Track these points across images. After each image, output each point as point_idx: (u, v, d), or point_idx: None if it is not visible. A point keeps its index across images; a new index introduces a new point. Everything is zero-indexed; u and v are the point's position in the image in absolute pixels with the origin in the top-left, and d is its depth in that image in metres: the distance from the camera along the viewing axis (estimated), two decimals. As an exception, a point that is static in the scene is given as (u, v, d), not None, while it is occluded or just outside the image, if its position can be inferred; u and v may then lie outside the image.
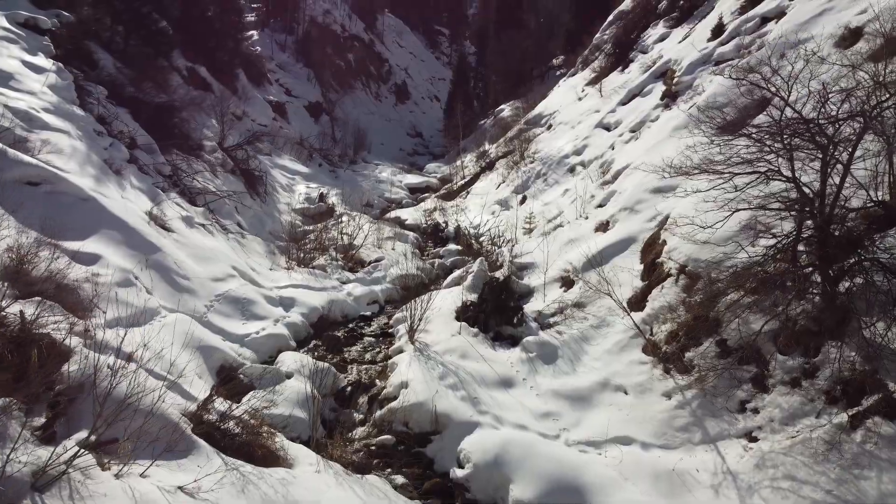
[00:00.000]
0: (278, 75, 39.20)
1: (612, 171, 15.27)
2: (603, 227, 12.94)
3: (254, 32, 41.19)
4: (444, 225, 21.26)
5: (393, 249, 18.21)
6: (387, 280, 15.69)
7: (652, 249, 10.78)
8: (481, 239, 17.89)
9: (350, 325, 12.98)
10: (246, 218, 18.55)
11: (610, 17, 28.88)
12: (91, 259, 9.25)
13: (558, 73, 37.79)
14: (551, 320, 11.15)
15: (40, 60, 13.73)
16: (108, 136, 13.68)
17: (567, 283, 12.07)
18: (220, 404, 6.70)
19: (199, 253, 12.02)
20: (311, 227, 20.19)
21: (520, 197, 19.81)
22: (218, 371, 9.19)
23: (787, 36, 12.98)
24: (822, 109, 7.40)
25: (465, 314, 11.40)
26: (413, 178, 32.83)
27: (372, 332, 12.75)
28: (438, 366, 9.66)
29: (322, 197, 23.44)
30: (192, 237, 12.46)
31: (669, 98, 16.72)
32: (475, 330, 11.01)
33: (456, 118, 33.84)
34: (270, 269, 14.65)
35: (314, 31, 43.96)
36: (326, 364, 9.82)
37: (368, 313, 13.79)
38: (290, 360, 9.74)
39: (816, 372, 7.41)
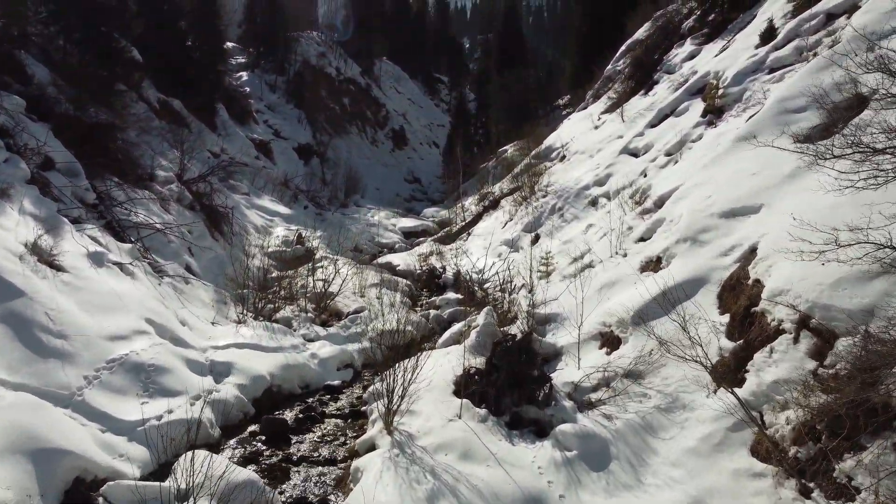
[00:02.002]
0: (267, 116, 36.86)
1: (651, 198, 12.12)
2: (653, 265, 9.63)
3: (243, 74, 39.31)
4: (441, 270, 17.98)
5: (378, 298, 14.83)
6: (367, 336, 12.27)
7: (739, 293, 7.43)
8: (486, 285, 14.56)
9: (309, 401, 9.46)
10: (202, 260, 15.30)
11: (622, 48, 26.65)
12: None
13: (564, 111, 35.53)
14: (593, 397, 7.67)
15: (-75, 56, 10.83)
16: (6, 151, 10.61)
17: (610, 341, 8.65)
18: None
19: (98, 300, 8.66)
20: (284, 273, 16.97)
21: (531, 236, 16.61)
22: (69, 490, 5.66)
23: (872, 26, 10.20)
24: None
25: (467, 387, 7.94)
26: (408, 222, 29.82)
27: (338, 410, 9.22)
28: (426, 476, 6.13)
29: (300, 239, 20.25)
30: (94, 279, 9.13)
31: (713, 114, 13.82)
32: (482, 412, 7.52)
33: (456, 160, 31.17)
34: (213, 323, 11.25)
35: (307, 73, 42.05)
36: (249, 473, 6.26)
37: (337, 382, 10.29)
38: (196, 464, 6.19)
39: None
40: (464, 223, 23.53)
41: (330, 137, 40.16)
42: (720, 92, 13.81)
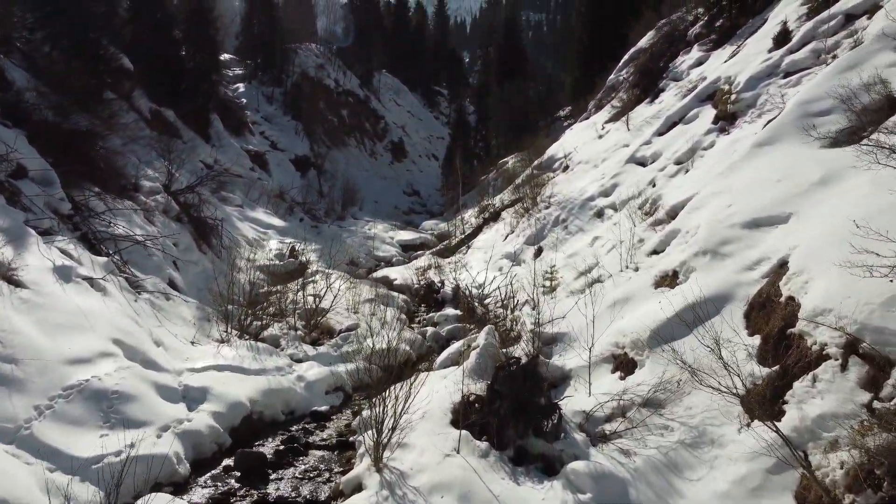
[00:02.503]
0: (263, 127, 36.27)
1: (663, 208, 11.37)
2: (668, 280, 8.84)
3: (240, 85, 38.84)
4: (439, 284, 17.21)
5: (373, 314, 14.06)
6: (359, 356, 11.44)
7: (771, 312, 6.64)
8: (487, 301, 13.76)
9: (293, 429, 8.63)
10: (188, 275, 14.54)
11: (625, 57, 26.12)
12: None
13: (565, 123, 34.97)
14: (607, 429, 6.85)
15: None
16: (-28, 157, 9.91)
17: (624, 364, 7.85)
18: None
19: (60, 319, 7.88)
20: (276, 288, 16.17)
21: (534, 249, 15.84)
22: (-1, 543, 4.85)
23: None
24: None
25: (466, 417, 7.13)
26: (406, 235, 29.12)
27: (324, 440, 8.38)
28: (419, 525, 5.31)
29: (293, 252, 19.50)
30: (57, 296, 8.34)
31: (726, 121, 13.13)
32: (483, 445, 6.70)
33: (455, 172, 30.53)
34: (192, 343, 10.44)
35: (305, 84, 41.56)
36: (213, 523, 5.44)
37: (325, 408, 9.45)
38: (153, 510, 5.38)
39: None
40: (463, 236, 22.80)
41: (328, 149, 39.59)
42: (733, 97, 13.13)
